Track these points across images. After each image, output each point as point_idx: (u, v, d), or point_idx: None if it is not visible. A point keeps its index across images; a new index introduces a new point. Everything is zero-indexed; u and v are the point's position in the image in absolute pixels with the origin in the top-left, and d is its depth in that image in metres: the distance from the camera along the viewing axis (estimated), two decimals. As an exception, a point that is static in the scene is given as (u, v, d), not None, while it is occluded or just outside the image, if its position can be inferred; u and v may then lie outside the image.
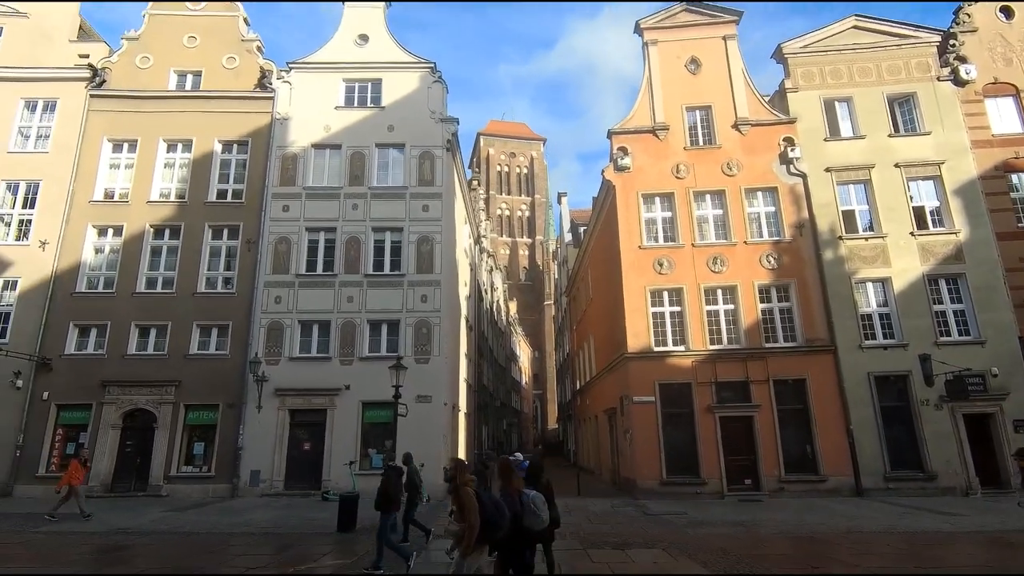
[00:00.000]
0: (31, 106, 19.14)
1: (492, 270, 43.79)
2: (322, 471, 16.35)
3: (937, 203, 18.01)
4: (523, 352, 68.67)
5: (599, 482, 22.03)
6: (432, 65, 20.20)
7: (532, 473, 7.05)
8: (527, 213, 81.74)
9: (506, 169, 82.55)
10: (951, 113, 18.46)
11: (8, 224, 18.14)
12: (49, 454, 16.36)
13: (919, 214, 17.92)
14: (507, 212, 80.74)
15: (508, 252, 79.10)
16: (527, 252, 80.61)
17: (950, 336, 16.88)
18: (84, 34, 21.21)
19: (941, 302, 17.25)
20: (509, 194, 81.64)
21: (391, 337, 17.65)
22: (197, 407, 16.88)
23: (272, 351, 17.23)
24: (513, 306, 65.97)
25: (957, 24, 19.44)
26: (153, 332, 17.39)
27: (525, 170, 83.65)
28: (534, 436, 65.97)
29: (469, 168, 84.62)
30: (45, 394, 16.54)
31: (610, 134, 19.38)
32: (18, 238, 17.89)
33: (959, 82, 18.62)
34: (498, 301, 46.87)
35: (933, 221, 17.89)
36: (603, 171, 19.51)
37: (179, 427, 16.70)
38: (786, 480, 15.96)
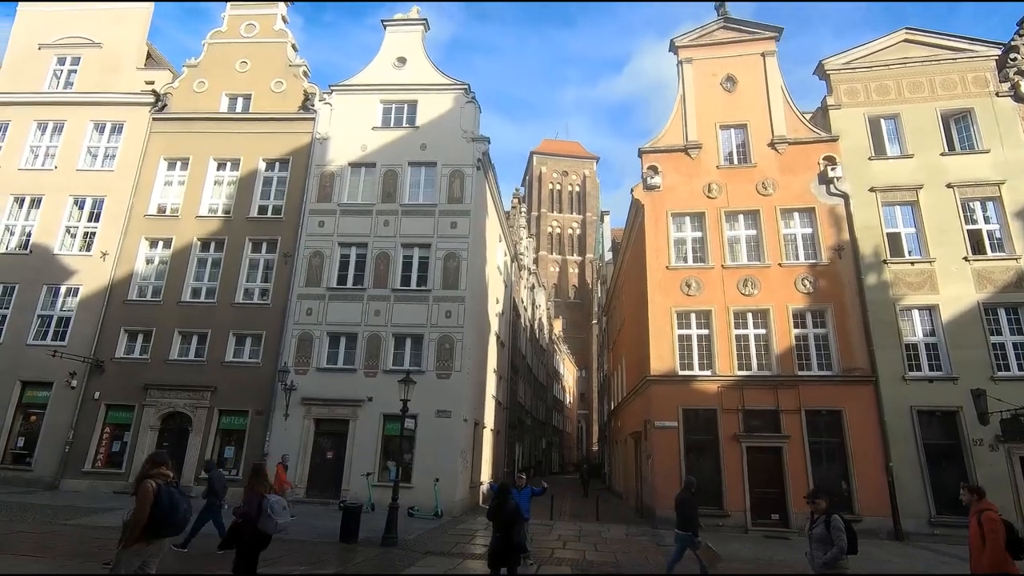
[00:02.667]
0: (100, 128, 20.93)
1: (534, 287, 43.85)
2: (342, 481, 16.70)
3: (997, 226, 16.73)
4: (568, 371, 68.04)
5: (623, 508, 21.43)
6: (466, 86, 20.68)
7: (500, 493, 7.01)
8: (578, 231, 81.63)
9: (558, 187, 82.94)
10: (1012, 130, 17.18)
11: (74, 236, 19.79)
12: (96, 451, 17.53)
13: (975, 237, 16.69)
14: (558, 230, 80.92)
15: (557, 270, 79.10)
16: (577, 270, 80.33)
17: (1009, 371, 15.51)
18: (152, 61, 23.03)
19: (999, 333, 15.91)
20: (560, 212, 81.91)
21: (414, 351, 17.96)
22: (229, 412, 17.70)
23: (301, 361, 17.88)
24: (558, 324, 65.64)
25: (1020, 36, 18.14)
26: (194, 339, 18.43)
27: (577, 188, 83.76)
28: (577, 457, 64.93)
29: (522, 186, 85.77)
30: (96, 394, 17.79)
31: (640, 153, 19.15)
32: (82, 249, 19.48)
33: (1020, 98, 17.34)
34: (540, 319, 46.80)
35: (992, 245, 16.61)
36: (632, 190, 19.28)
37: (212, 431, 17.54)
38: (818, 518, 14.97)
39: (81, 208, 19.99)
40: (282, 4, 22.08)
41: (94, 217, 19.84)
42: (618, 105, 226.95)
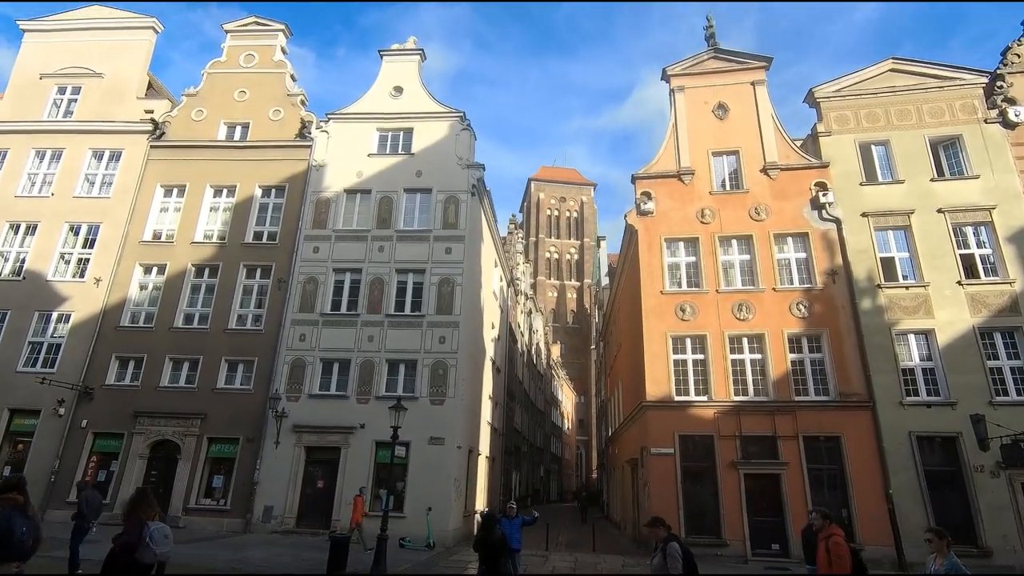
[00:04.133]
0: (98, 155, 21.10)
1: (531, 312, 43.75)
2: (332, 510, 16.36)
3: (989, 250, 16.78)
4: (566, 396, 67.45)
5: (621, 538, 20.97)
6: (462, 114, 20.95)
7: (486, 523, 6.85)
8: (576, 256, 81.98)
9: (556, 213, 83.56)
10: (1001, 156, 17.36)
11: (68, 262, 19.76)
12: (82, 479, 17.15)
13: (968, 262, 16.72)
14: (556, 255, 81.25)
15: (556, 295, 79.17)
16: (575, 295, 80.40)
17: (1007, 395, 15.36)
18: (153, 91, 23.33)
19: (996, 357, 15.81)
20: (558, 237, 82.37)
21: (408, 377, 17.80)
22: (219, 440, 17.44)
23: (293, 388, 17.69)
24: (556, 349, 65.32)
25: (1005, 64, 18.48)
26: (185, 366, 18.27)
27: (575, 214, 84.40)
28: (576, 484, 63.90)
29: (520, 212, 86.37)
30: (84, 422, 17.54)
31: (634, 179, 19.30)
32: (75, 275, 19.44)
33: (1008, 124, 17.57)
34: (537, 344, 46.58)
35: (985, 270, 16.63)
36: (626, 215, 19.37)
37: (201, 459, 17.25)
38: (819, 548, 14.64)
39: (76, 234, 20.02)
40: (281, 36, 22.49)
41: (89, 243, 19.86)
42: (621, 134, 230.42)
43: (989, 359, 15.72)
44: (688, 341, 17.19)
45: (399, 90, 21.58)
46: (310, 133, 20.94)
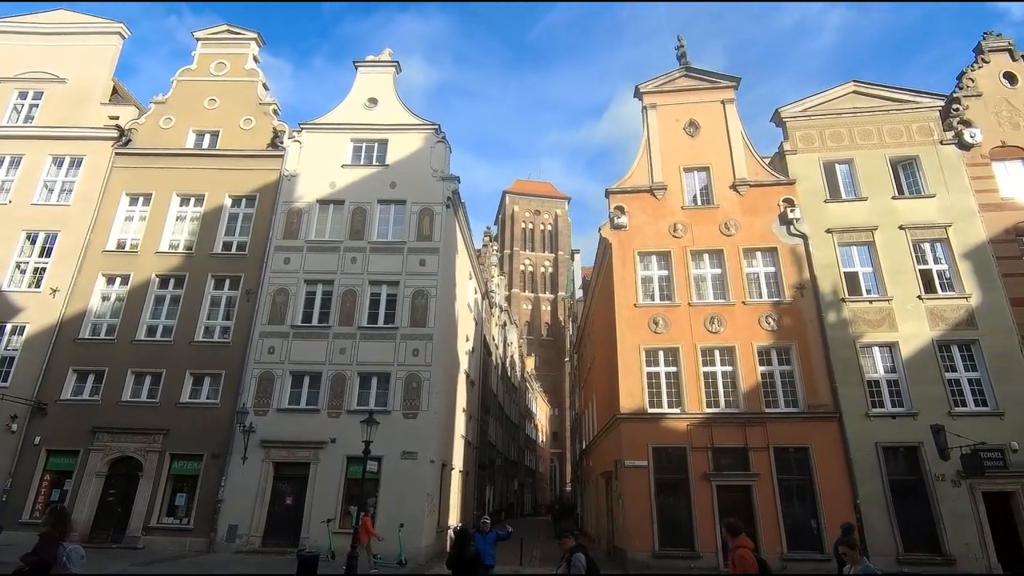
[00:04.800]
0: (58, 162, 20.39)
1: (506, 325, 43.67)
2: (301, 528, 15.91)
3: (946, 266, 17.42)
4: (540, 409, 67.34)
5: (597, 550, 20.87)
6: (437, 126, 20.95)
7: (459, 540, 6.75)
8: (550, 269, 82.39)
9: (530, 226, 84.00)
10: (956, 176, 18.11)
11: (24, 271, 18.97)
12: (35, 500, 16.39)
13: (927, 277, 17.32)
14: (530, 268, 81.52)
15: (530, 308, 79.29)
16: (549, 308, 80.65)
17: (965, 406, 15.89)
18: (119, 97, 22.70)
19: (954, 369, 16.36)
20: (533, 250, 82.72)
21: (380, 390, 17.52)
22: (183, 456, 16.83)
23: (261, 401, 17.24)
24: (530, 362, 65.27)
25: (960, 88, 19.37)
26: (148, 379, 17.64)
27: (549, 227, 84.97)
28: (551, 497, 63.63)
29: (495, 224, 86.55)
30: (37, 439, 16.74)
31: (608, 193, 19.53)
32: (31, 285, 18.67)
33: (964, 145, 18.36)
34: (512, 356, 46.47)
35: (942, 285, 17.24)
36: (600, 229, 19.56)
37: (163, 476, 16.61)
38: (789, 558, 14.82)
39: (33, 243, 19.25)
40: (253, 44, 22.22)
41: (46, 252, 19.10)
42: (598, 149, 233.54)
43: (948, 371, 16.26)
44: (661, 353, 17.36)
45: (374, 101, 21.48)
46: (282, 143, 20.64)
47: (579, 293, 36.96)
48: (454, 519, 20.75)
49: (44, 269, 18.80)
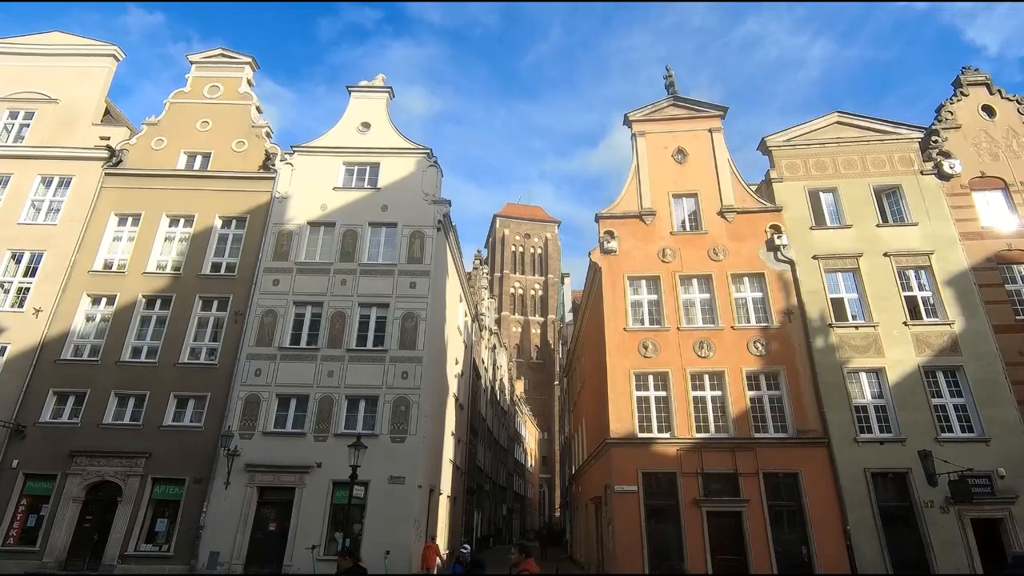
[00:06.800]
0: (47, 182, 20.28)
1: (495, 348, 43.54)
2: (285, 554, 15.54)
3: (929, 293, 17.68)
4: (530, 433, 66.77)
5: (586, 579, 20.55)
6: (428, 151, 21.15)
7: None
8: (540, 292, 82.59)
9: (520, 249, 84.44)
10: (936, 205, 18.52)
11: (7, 291, 18.70)
12: (10, 525, 15.90)
13: (912, 303, 17.56)
14: (520, 291, 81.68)
15: (520, 330, 79.21)
16: (539, 331, 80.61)
17: (952, 432, 15.98)
18: (111, 118, 22.76)
19: (940, 395, 16.50)
20: (523, 273, 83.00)
21: (368, 414, 17.33)
22: (164, 481, 16.46)
23: (247, 424, 16.97)
24: (520, 385, 64.95)
25: (940, 121, 19.91)
26: (131, 401, 17.33)
27: (539, 250, 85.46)
28: (539, 523, 62.71)
29: (485, 247, 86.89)
30: (15, 462, 16.33)
31: (598, 218, 19.73)
32: (14, 304, 18.38)
33: (944, 176, 18.81)
34: (501, 379, 46.24)
35: (926, 311, 17.48)
36: (590, 253, 19.70)
37: (144, 501, 16.21)
38: (780, 586, 14.69)
39: (18, 262, 19.01)
40: (247, 68, 22.44)
41: (31, 272, 18.88)
42: (593, 176, 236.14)
43: (934, 397, 16.38)
44: (651, 378, 17.36)
45: (367, 125, 21.70)
46: (274, 165, 20.72)
47: (569, 316, 37.00)
48: (442, 546, 20.36)
49: (28, 289, 18.55)
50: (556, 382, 67.70)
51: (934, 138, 19.54)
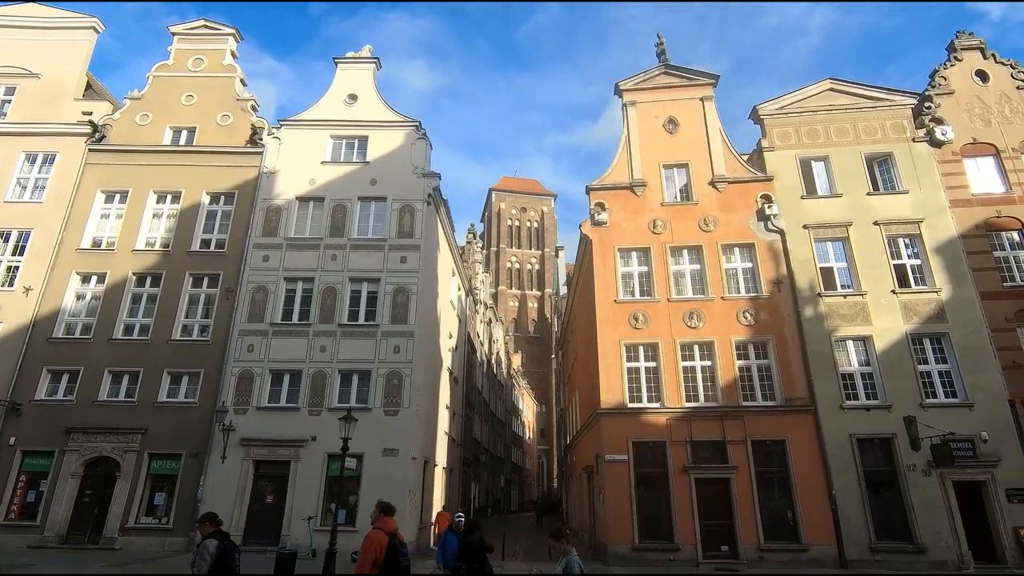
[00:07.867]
0: (31, 159, 20.03)
1: (491, 322, 43.70)
2: (282, 526, 15.86)
3: (918, 261, 17.74)
4: (527, 406, 67.51)
5: (579, 544, 21.04)
6: (417, 123, 20.89)
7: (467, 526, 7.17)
8: (536, 266, 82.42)
9: (516, 223, 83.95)
10: (928, 173, 18.45)
11: (-4, 270, 18.64)
12: (10, 501, 16.15)
13: (900, 272, 17.62)
14: (517, 265, 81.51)
15: (517, 305, 79.33)
16: (536, 305, 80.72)
17: (936, 398, 16.22)
18: (93, 92, 22.36)
19: (926, 362, 16.69)
20: (519, 247, 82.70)
21: (361, 388, 17.48)
22: (161, 456, 16.68)
23: (241, 400, 17.12)
24: (517, 359, 65.39)
25: (933, 87, 19.70)
26: (125, 379, 17.43)
27: (536, 224, 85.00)
28: (538, 493, 63.90)
29: (481, 221, 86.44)
30: (12, 439, 16.49)
31: (588, 190, 19.61)
32: (4, 284, 18.33)
33: (936, 143, 18.69)
34: (498, 353, 46.53)
35: (915, 279, 17.55)
36: (581, 225, 19.65)
37: (142, 476, 16.45)
38: (766, 548, 15.08)
39: (6, 241, 18.89)
40: (231, 40, 21.98)
41: (19, 250, 18.77)
42: (593, 151, 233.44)
43: (920, 363, 16.58)
44: (641, 349, 17.51)
45: (354, 98, 21.37)
46: (261, 139, 20.46)
47: (564, 290, 37.09)
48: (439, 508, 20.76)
49: (18, 268, 18.47)
50: (552, 355, 68.25)
51: (927, 104, 19.35)
